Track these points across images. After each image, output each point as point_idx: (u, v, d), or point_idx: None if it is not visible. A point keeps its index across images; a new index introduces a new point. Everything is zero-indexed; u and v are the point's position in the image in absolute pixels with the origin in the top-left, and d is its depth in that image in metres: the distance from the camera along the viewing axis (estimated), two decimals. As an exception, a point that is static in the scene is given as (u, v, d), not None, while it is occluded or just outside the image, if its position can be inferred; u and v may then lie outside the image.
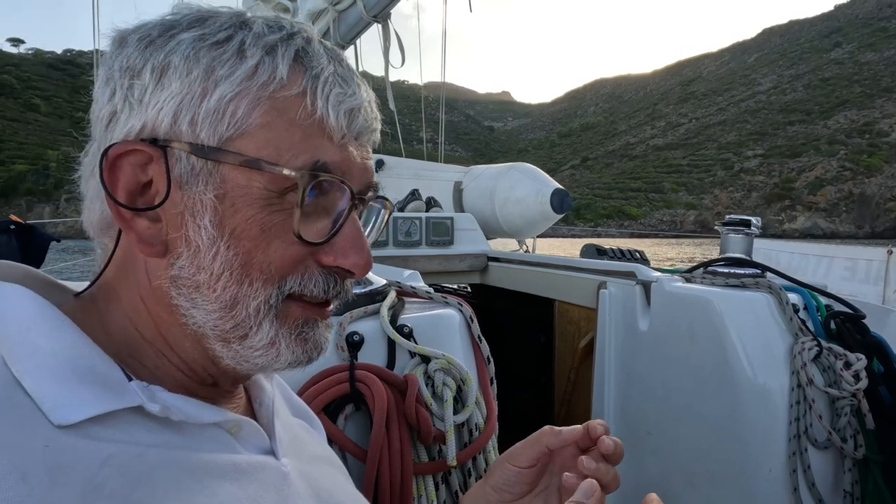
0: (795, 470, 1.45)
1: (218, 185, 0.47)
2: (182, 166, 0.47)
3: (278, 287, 0.49)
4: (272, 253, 0.48)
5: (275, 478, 0.53)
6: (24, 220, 2.74)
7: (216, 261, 0.47)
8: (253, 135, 0.47)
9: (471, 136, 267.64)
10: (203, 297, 0.48)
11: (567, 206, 3.66)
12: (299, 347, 0.51)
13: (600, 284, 2.10)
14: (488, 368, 1.20)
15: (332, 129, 0.49)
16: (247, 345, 0.49)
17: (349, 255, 0.51)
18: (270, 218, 0.47)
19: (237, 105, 0.47)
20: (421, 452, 1.03)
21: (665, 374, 1.78)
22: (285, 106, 0.48)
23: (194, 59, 0.47)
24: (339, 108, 0.49)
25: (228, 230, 0.47)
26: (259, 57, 0.48)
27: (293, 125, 0.48)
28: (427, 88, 8.61)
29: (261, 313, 0.49)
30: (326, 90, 0.49)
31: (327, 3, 3.18)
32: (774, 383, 1.50)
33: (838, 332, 1.59)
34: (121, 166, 0.48)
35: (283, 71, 0.48)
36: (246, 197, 0.47)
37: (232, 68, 0.47)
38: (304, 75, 0.49)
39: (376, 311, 1.16)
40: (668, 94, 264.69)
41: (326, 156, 0.49)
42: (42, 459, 0.38)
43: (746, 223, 1.87)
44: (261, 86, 0.47)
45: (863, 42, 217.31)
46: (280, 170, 0.47)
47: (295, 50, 0.49)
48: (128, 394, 0.45)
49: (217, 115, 0.47)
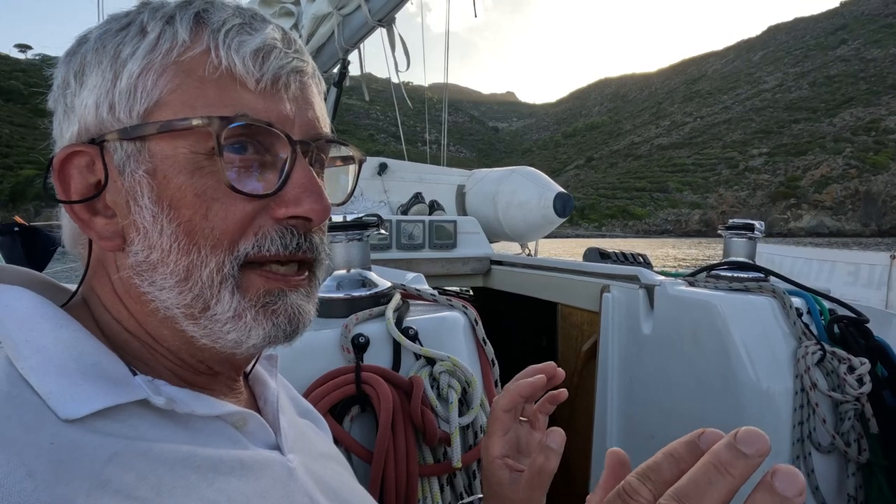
0: (799, 474, 1.44)
1: (147, 161, 0.47)
2: (118, 155, 0.48)
3: (230, 252, 0.48)
4: (213, 217, 0.47)
5: (281, 473, 0.53)
6: (28, 223, 2.75)
7: (163, 236, 0.47)
8: (167, 102, 0.47)
9: (475, 137, 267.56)
10: (160, 275, 0.48)
11: (569, 209, 3.66)
12: (269, 321, 0.50)
13: (603, 288, 2.10)
14: (493, 370, 1.21)
15: (242, 76, 0.48)
16: (211, 317, 0.48)
17: (302, 202, 0.50)
18: (203, 181, 0.47)
19: (145, 79, 0.47)
20: (426, 454, 1.04)
21: (668, 378, 1.78)
22: (192, 66, 0.47)
23: (101, 49, 0.48)
24: (244, 51, 0.48)
25: (167, 203, 0.47)
26: (160, 28, 0.48)
27: (204, 82, 0.47)
28: (431, 90, 8.61)
29: (215, 282, 0.48)
30: (229, 39, 0.48)
31: (331, 7, 3.18)
32: (778, 387, 1.50)
33: (842, 337, 1.58)
34: (69, 172, 0.49)
35: (183, 34, 0.48)
36: (174, 165, 0.47)
37: (135, 46, 0.48)
38: (206, 31, 0.48)
39: (381, 314, 1.17)
40: (673, 93, 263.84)
41: (247, 107, 0.48)
42: (48, 455, 0.38)
43: (750, 227, 1.87)
44: (164, 53, 0.47)
45: (868, 39, 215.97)
46: (189, 122, 0.46)
47: (195, 12, 0.49)
48: (133, 388, 0.46)
49: (129, 94, 0.47)
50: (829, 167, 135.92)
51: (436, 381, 1.08)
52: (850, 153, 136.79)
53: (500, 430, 0.72)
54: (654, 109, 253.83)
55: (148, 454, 0.43)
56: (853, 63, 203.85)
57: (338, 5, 3.14)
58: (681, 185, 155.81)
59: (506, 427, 0.72)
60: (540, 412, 0.76)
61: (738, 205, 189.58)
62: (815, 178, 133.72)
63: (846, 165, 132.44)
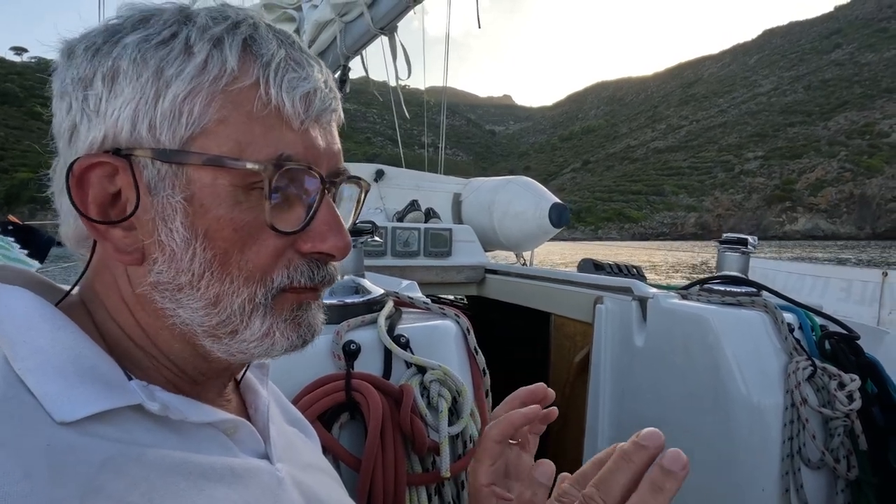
0: (788, 489, 1.45)
1: (185, 186, 0.47)
2: (149, 172, 0.47)
3: (262, 284, 0.49)
4: (248, 251, 0.48)
5: (270, 482, 0.53)
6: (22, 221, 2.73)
7: (194, 262, 0.47)
8: (212, 132, 0.47)
9: (472, 141, 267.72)
10: (187, 296, 0.48)
11: (565, 220, 3.67)
12: (294, 333, 0.52)
13: (597, 299, 2.11)
14: (484, 380, 1.21)
15: (289, 117, 0.48)
16: (239, 339, 0.50)
17: (327, 239, 0.51)
18: (242, 216, 0.47)
19: (192, 103, 0.46)
20: (415, 463, 1.04)
21: (660, 391, 1.79)
22: (240, 99, 0.47)
23: (142, 62, 0.46)
24: (295, 93, 0.48)
25: (202, 231, 0.47)
26: (207, 51, 0.47)
27: (251, 118, 0.47)
28: (429, 93, 8.61)
29: (246, 311, 0.49)
30: (279, 77, 0.48)
31: (334, 14, 3.16)
32: (768, 402, 1.51)
33: (833, 353, 1.59)
34: (88, 180, 0.48)
35: (232, 62, 0.47)
36: (214, 196, 0.47)
37: (181, 66, 0.46)
38: (255, 64, 0.48)
39: (374, 321, 1.17)
40: (669, 97, 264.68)
41: (289, 146, 0.48)
42: (45, 457, 0.39)
43: (743, 241, 1.88)
44: (212, 80, 0.47)
45: (863, 43, 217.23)
46: (243, 164, 0.46)
47: (242, 39, 0.48)
48: (128, 392, 0.46)
49: (173, 117, 0.46)
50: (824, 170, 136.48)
51: (426, 389, 1.08)
52: (844, 156, 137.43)
53: (488, 460, 0.71)
54: (650, 113, 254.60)
55: (141, 459, 0.43)
56: (848, 67, 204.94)
57: (340, 12, 3.13)
58: (677, 189, 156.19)
59: (495, 456, 0.71)
60: (531, 433, 0.74)
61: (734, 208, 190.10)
62: (810, 182, 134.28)
63: (841, 169, 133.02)
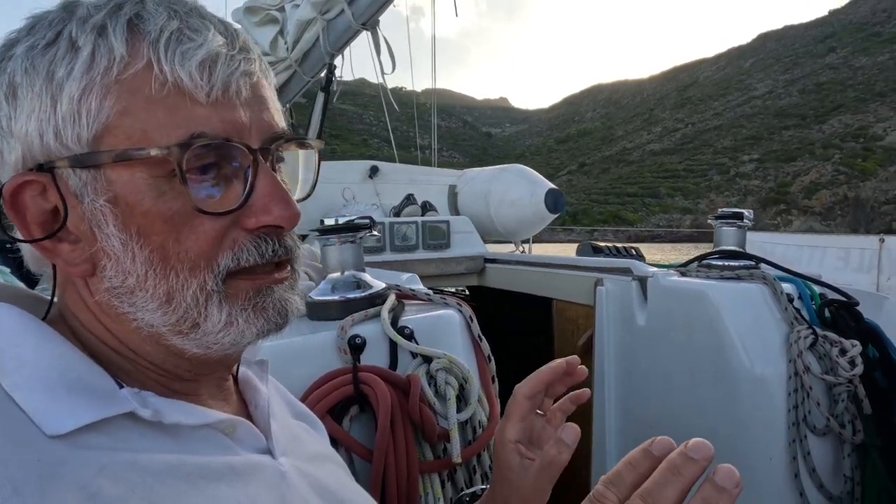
0: (796, 457, 1.46)
1: (105, 189, 0.45)
2: (73, 181, 0.45)
3: (209, 271, 0.47)
4: (186, 240, 0.46)
5: (272, 477, 0.53)
6: None
7: (136, 263, 0.46)
8: (117, 126, 0.44)
9: (468, 143, 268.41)
10: (140, 298, 0.47)
11: (561, 205, 3.68)
12: (260, 318, 0.50)
13: (597, 282, 2.11)
14: (489, 366, 1.22)
15: (192, 91, 0.45)
16: (203, 331, 0.48)
17: (271, 210, 0.49)
18: (169, 206, 0.45)
19: (88, 101, 0.44)
20: (426, 451, 1.05)
21: (664, 369, 1.79)
22: (136, 84, 0.44)
23: (33, 70, 0.44)
24: (190, 63, 0.45)
25: (134, 230, 0.45)
26: (92, 42, 0.44)
27: (151, 102, 0.44)
28: (424, 95, 8.62)
29: (200, 301, 0.47)
30: (171, 50, 0.45)
31: (315, 13, 3.18)
32: (772, 372, 1.51)
33: (833, 320, 1.60)
34: (23, 202, 0.46)
35: (120, 48, 0.44)
36: (136, 192, 0.45)
37: (70, 65, 0.44)
38: (144, 43, 0.45)
39: (377, 315, 1.18)
40: (665, 100, 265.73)
41: (201, 123, 0.45)
42: (35, 471, 0.38)
43: (739, 216, 1.89)
44: (103, 72, 0.44)
45: (857, 47, 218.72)
46: (147, 153, 0.44)
47: (127, 20, 0.45)
48: (119, 401, 0.45)
49: (74, 119, 0.44)
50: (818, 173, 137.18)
51: (433, 378, 1.08)
52: (838, 159, 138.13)
53: (517, 415, 0.72)
54: (646, 115, 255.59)
55: (137, 465, 0.43)
56: (842, 71, 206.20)
57: (321, 10, 3.14)
58: (672, 191, 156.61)
59: (524, 413, 0.72)
60: (560, 410, 0.75)
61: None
62: (804, 184, 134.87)
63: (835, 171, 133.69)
